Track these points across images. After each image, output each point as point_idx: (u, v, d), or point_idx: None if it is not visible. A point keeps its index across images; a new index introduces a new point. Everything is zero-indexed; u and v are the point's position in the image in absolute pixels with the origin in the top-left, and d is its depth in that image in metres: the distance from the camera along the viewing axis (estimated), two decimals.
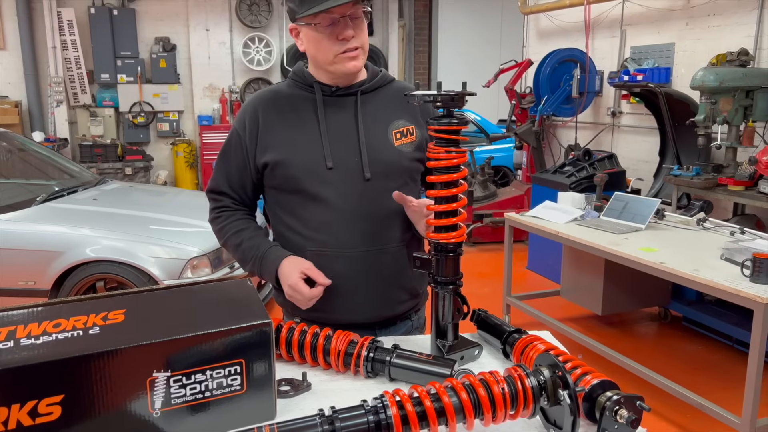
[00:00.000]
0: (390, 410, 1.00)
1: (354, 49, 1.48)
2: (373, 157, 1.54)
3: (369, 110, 1.57)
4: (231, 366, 1.09)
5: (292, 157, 1.53)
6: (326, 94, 1.57)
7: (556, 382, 1.04)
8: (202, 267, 3.70)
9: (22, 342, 0.98)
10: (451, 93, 1.30)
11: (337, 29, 1.45)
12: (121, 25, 8.24)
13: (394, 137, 1.57)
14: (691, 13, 5.38)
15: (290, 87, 1.61)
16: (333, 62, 1.50)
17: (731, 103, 4.29)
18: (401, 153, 1.57)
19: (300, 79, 1.59)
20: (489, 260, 5.99)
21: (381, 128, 1.57)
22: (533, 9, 7.21)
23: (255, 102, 1.61)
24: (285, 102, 1.58)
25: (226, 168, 1.63)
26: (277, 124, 1.56)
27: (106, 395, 0.99)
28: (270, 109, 1.58)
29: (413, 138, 1.59)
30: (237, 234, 1.60)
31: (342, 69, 1.51)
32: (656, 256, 3.07)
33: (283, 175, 1.55)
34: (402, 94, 1.61)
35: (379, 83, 1.61)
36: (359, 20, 1.48)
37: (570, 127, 6.83)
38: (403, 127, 1.59)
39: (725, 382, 3.51)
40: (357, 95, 1.57)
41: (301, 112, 1.56)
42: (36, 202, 3.92)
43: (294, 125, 1.55)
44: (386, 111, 1.59)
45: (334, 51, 1.48)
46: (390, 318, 1.65)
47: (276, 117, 1.57)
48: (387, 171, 1.55)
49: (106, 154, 8.11)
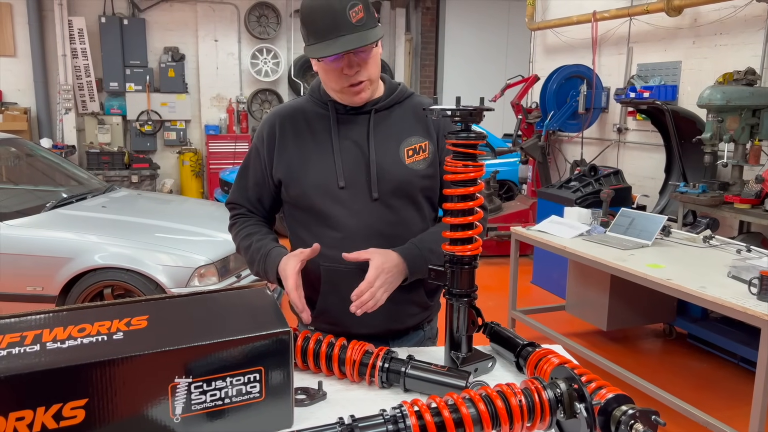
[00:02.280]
0: (409, 420, 1.01)
1: (359, 83, 1.49)
2: (383, 177, 1.54)
3: (382, 128, 1.58)
4: (250, 373, 1.10)
5: (305, 176, 1.55)
6: (340, 113, 1.58)
7: (573, 395, 1.05)
8: (209, 276, 3.72)
9: (49, 346, 1.00)
10: (470, 108, 1.32)
11: (342, 64, 1.45)
12: (130, 35, 8.32)
13: (406, 155, 1.57)
14: (698, 31, 5.42)
15: (308, 103, 1.63)
16: (339, 92, 1.53)
17: (738, 122, 4.32)
18: (412, 171, 1.57)
19: (317, 96, 1.61)
20: (494, 274, 5.99)
21: (393, 146, 1.57)
22: (540, 25, 7.26)
23: (273, 117, 1.63)
24: (302, 118, 1.60)
25: (243, 183, 1.68)
26: (292, 141, 1.58)
27: (128, 400, 1.01)
28: (287, 125, 1.60)
29: (426, 155, 1.59)
30: (247, 237, 1.63)
31: (347, 101, 1.54)
32: (663, 272, 3.08)
33: (295, 192, 1.57)
34: (418, 108, 1.62)
35: (396, 99, 1.61)
36: (365, 53, 1.46)
37: (576, 142, 6.86)
38: (416, 143, 1.58)
39: (731, 400, 3.51)
40: (371, 113, 1.58)
41: (316, 129, 1.58)
42: (45, 208, 3.94)
43: (308, 142, 1.57)
44: (400, 128, 1.59)
45: (339, 84, 1.49)
46: (402, 330, 1.66)
47: (292, 133, 1.59)
48: (395, 189, 1.56)
49: (113, 161, 8.17)
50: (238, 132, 8.91)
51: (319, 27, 1.41)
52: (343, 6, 1.38)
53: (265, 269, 1.56)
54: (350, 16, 1.39)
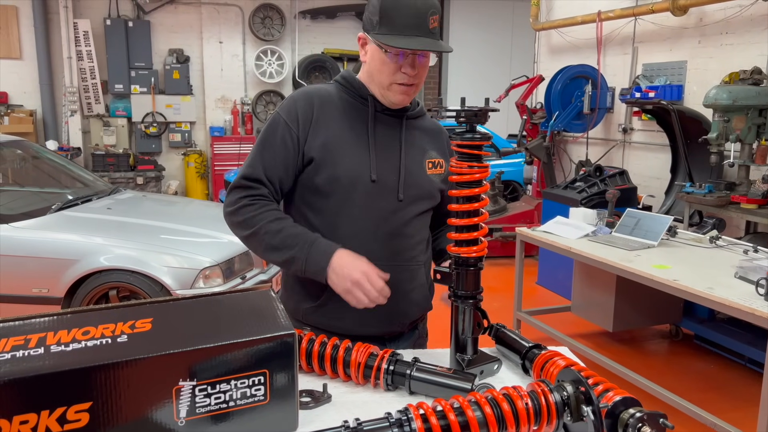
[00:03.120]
0: (414, 423, 1.00)
1: (409, 85, 1.52)
2: (409, 181, 1.58)
3: (410, 135, 1.62)
4: (255, 376, 1.09)
5: (341, 160, 1.53)
6: (377, 110, 1.59)
7: (580, 398, 1.04)
8: (214, 277, 3.72)
9: (53, 349, 1.00)
10: (475, 108, 1.31)
11: (404, 62, 1.48)
12: (135, 37, 8.35)
13: (428, 166, 1.62)
14: (703, 31, 5.40)
15: (341, 92, 1.60)
16: (387, 87, 1.53)
17: (744, 122, 4.29)
18: (432, 182, 1.62)
19: (354, 88, 1.59)
20: (499, 275, 5.98)
21: (419, 154, 1.62)
22: (545, 25, 7.24)
23: (310, 95, 1.58)
24: (337, 104, 1.58)
25: (266, 157, 1.54)
26: (330, 123, 1.55)
27: (133, 403, 1.00)
28: (326, 105, 1.57)
29: (441, 170, 1.65)
30: (278, 221, 1.51)
31: (391, 98, 1.55)
32: (669, 273, 3.07)
33: (327, 175, 1.53)
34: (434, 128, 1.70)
35: (419, 113, 1.67)
36: (426, 59, 1.51)
37: (581, 142, 6.84)
38: (435, 158, 1.64)
39: (738, 402, 3.49)
40: (404, 119, 1.61)
41: (352, 119, 1.57)
42: (51, 210, 3.95)
43: (345, 129, 1.56)
44: (423, 139, 1.65)
45: (392, 79, 1.51)
46: (399, 332, 1.67)
47: (330, 115, 1.56)
48: (418, 195, 1.60)
49: (118, 163, 8.19)
50: (242, 133, 8.92)
51: (401, 20, 1.44)
52: (427, 9, 1.44)
53: (309, 254, 1.46)
54: (429, 22, 1.44)
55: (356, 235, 1.54)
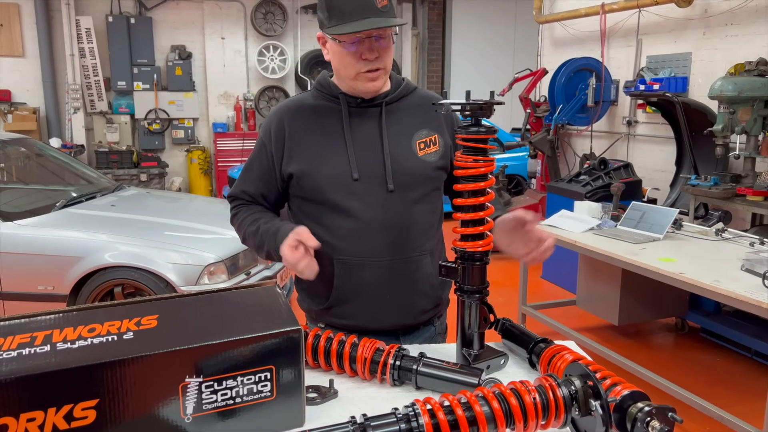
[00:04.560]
0: (422, 418, 1.00)
1: (375, 70, 1.49)
2: (397, 169, 1.54)
3: (393, 121, 1.58)
4: (261, 372, 1.09)
5: (319, 168, 1.54)
6: (351, 106, 1.57)
7: (588, 392, 1.04)
8: (218, 273, 3.72)
9: (59, 346, 1.00)
10: (480, 102, 1.30)
11: (361, 49, 1.46)
12: (137, 34, 8.34)
13: (418, 147, 1.58)
14: (708, 22, 5.36)
15: (315, 98, 1.61)
16: (354, 79, 1.51)
17: (750, 113, 4.27)
18: (425, 163, 1.58)
19: (325, 90, 1.60)
20: (504, 269, 5.96)
21: (405, 139, 1.58)
22: (548, 18, 7.21)
23: (281, 112, 1.61)
24: (311, 112, 1.59)
25: (249, 177, 1.65)
26: (303, 135, 1.57)
27: (139, 400, 1.00)
28: (296, 118, 1.58)
29: (437, 147, 1.60)
30: (254, 222, 1.58)
31: (361, 87, 1.53)
32: (675, 266, 3.05)
33: (309, 185, 1.55)
34: (425, 102, 1.62)
35: (403, 93, 1.62)
36: (385, 40, 1.48)
37: (585, 136, 6.81)
38: (426, 137, 1.59)
39: (745, 395, 3.47)
40: (381, 106, 1.58)
41: (326, 122, 1.57)
42: (55, 207, 3.95)
43: (320, 136, 1.56)
44: (410, 121, 1.60)
45: (356, 69, 1.49)
46: (413, 325, 1.65)
47: (302, 127, 1.57)
48: (410, 182, 1.56)
49: (121, 160, 8.19)
50: (245, 129, 8.91)
51: (346, 7, 1.41)
52: None
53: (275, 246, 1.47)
54: (376, 2, 1.41)
55: (351, 235, 1.53)
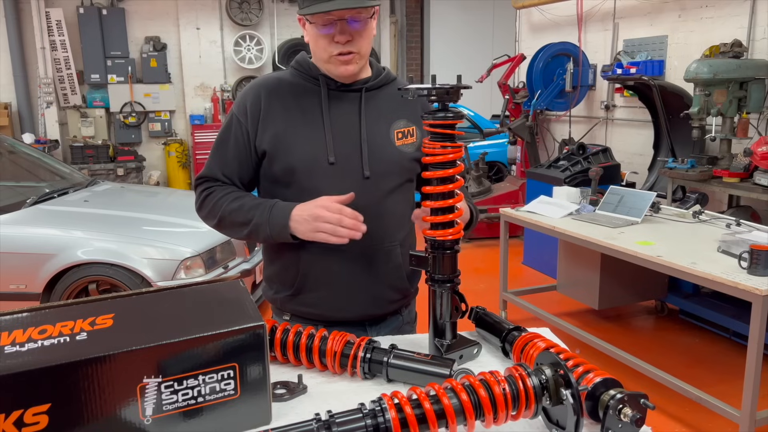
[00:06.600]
0: (388, 413, 0.97)
1: (347, 53, 1.45)
2: (374, 156, 1.51)
3: (372, 108, 1.55)
4: (224, 370, 1.05)
5: (294, 148, 1.49)
6: (331, 88, 1.53)
7: (558, 381, 1.02)
8: (195, 267, 3.67)
9: (6, 350, 0.95)
10: (446, 86, 1.27)
11: (333, 31, 1.42)
12: (110, 25, 8.18)
13: (396, 137, 1.55)
14: (683, 5, 5.37)
15: (294, 77, 1.56)
16: (327, 62, 1.48)
17: (725, 95, 4.28)
18: (402, 153, 1.55)
19: (304, 70, 1.55)
20: (484, 256, 5.97)
21: (383, 127, 1.55)
22: (525, 3, 7.17)
23: (258, 87, 1.55)
24: (289, 91, 1.54)
25: (221, 155, 1.55)
26: (280, 112, 1.52)
27: (94, 403, 0.96)
28: (273, 95, 1.53)
29: (413, 139, 1.57)
30: (237, 199, 1.50)
31: (334, 71, 1.49)
32: (653, 249, 3.06)
33: (281, 165, 1.50)
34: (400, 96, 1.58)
35: (383, 81, 1.59)
36: (360, 24, 1.43)
37: (564, 121, 6.82)
38: (404, 127, 1.57)
39: (724, 375, 3.51)
40: (361, 92, 1.54)
41: (304, 103, 1.52)
42: (26, 204, 3.87)
43: (297, 115, 1.51)
44: (389, 110, 1.57)
45: (328, 51, 1.45)
46: (380, 315, 1.63)
47: (279, 105, 1.52)
48: (386, 170, 1.53)
49: (97, 155, 8.06)
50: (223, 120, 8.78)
51: None
52: None
53: (270, 219, 1.44)
54: None
55: None
